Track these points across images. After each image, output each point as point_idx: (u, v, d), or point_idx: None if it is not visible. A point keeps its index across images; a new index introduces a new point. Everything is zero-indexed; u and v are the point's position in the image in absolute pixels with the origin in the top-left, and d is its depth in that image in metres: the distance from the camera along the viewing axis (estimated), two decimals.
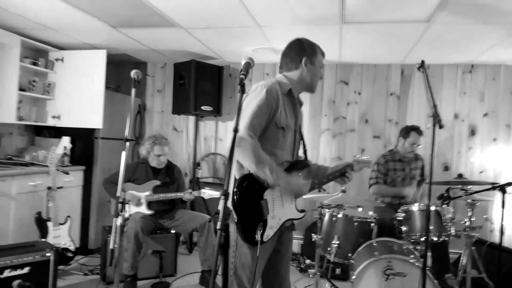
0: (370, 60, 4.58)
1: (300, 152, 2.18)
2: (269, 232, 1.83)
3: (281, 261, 2.06)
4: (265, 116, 1.81)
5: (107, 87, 4.62)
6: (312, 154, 4.80)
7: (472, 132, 4.50)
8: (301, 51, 2.02)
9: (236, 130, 1.47)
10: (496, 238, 4.31)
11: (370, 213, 3.30)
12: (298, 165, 2.03)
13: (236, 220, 1.76)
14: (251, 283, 1.81)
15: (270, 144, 1.87)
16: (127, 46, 4.43)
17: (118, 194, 2.12)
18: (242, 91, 1.53)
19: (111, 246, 1.96)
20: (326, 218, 3.22)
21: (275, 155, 1.88)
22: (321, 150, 4.82)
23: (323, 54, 2.10)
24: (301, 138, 2.13)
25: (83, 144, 4.44)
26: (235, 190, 1.78)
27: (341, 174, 2.13)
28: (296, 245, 4.73)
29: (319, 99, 4.83)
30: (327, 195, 3.30)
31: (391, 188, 3.74)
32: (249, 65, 1.64)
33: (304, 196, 3.35)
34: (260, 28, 3.48)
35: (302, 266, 4.20)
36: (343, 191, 3.15)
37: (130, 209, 3.55)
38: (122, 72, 5.25)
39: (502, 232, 2.99)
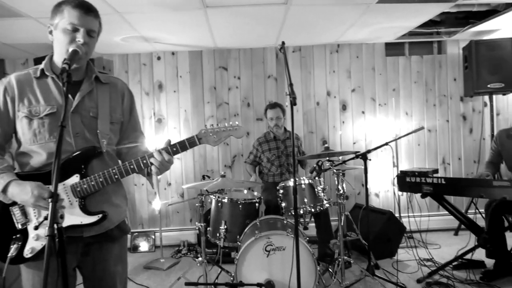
0: (245, 44, 4.64)
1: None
2: (36, 245, 1.48)
3: (95, 284, 1.63)
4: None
5: None
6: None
7: (344, 107, 4.87)
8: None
9: (63, 125, 1.31)
10: (372, 202, 4.78)
11: (255, 193, 3.38)
12: (78, 157, 1.53)
13: None
14: None
15: (25, 142, 1.55)
16: None
17: None
18: (68, 82, 1.38)
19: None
20: (213, 204, 3.20)
21: (33, 154, 1.54)
22: None
23: (73, 5, 1.50)
24: (92, 119, 1.60)
25: None
26: None
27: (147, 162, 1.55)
28: (193, 235, 4.68)
29: (200, 86, 4.77)
30: (208, 182, 3.30)
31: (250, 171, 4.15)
32: (75, 53, 1.47)
33: (184, 186, 3.34)
34: (120, 15, 3.27)
35: (199, 256, 4.16)
36: (223, 176, 3.16)
37: None
38: None
39: (367, 195, 3.29)
